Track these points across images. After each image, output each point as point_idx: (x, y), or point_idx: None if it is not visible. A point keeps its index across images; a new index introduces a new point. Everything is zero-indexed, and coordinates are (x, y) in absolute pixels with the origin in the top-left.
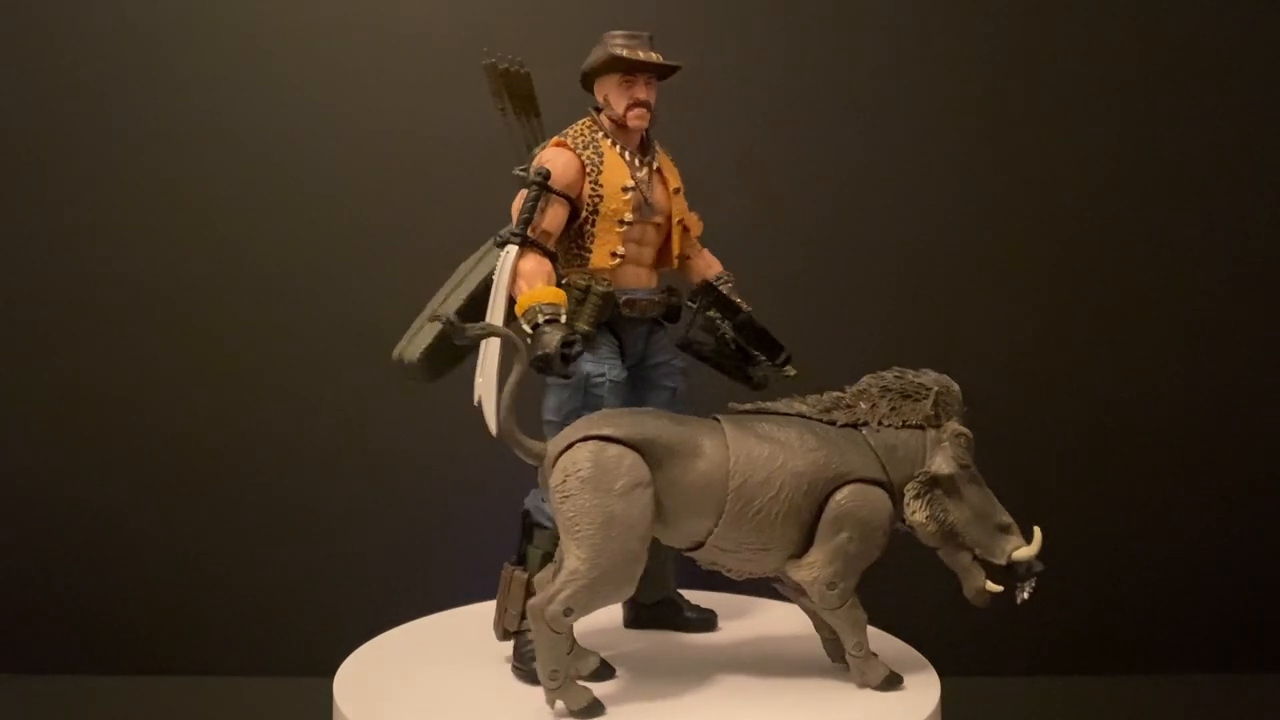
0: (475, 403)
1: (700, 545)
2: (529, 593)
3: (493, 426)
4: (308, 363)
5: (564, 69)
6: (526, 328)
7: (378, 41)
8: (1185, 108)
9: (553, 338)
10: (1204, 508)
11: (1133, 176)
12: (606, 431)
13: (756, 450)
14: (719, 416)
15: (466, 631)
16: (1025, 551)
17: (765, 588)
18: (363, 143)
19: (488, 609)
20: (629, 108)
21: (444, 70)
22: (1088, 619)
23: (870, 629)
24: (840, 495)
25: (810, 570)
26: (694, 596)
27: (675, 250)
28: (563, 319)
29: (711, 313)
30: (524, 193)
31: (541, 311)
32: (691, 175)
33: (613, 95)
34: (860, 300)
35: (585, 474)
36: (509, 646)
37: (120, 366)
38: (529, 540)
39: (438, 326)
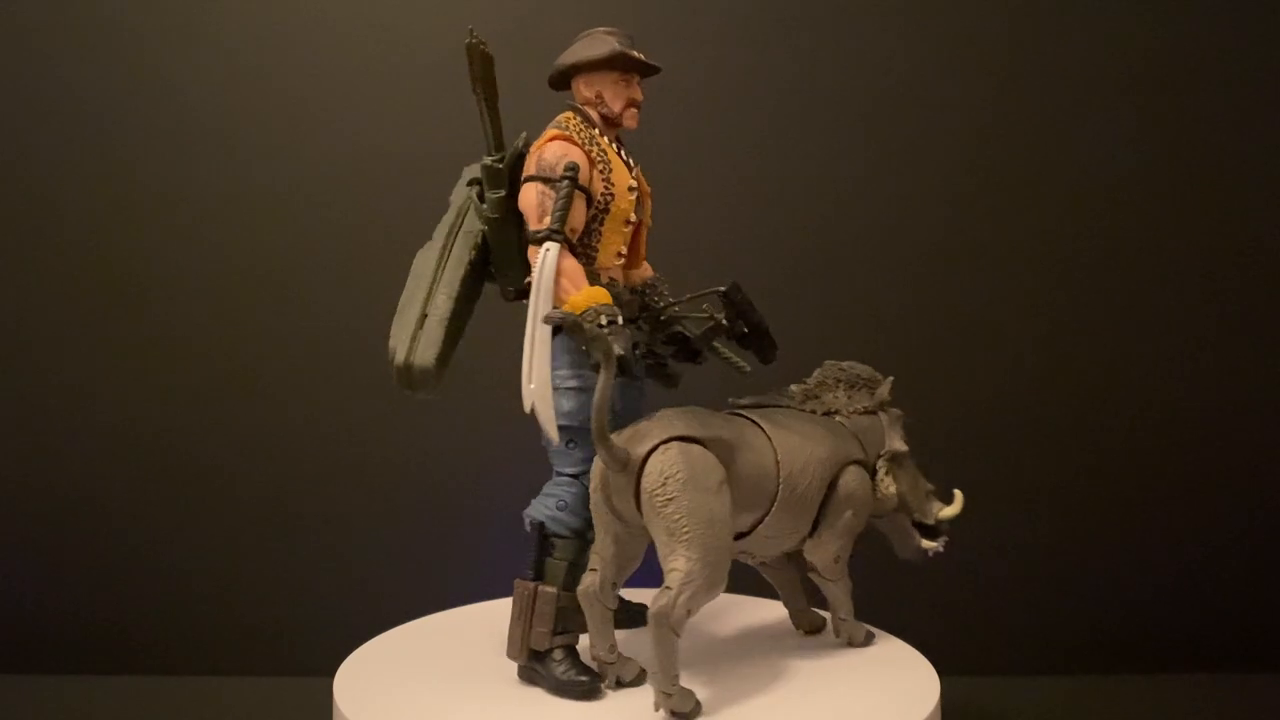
0: (528, 410)
1: (744, 535)
2: (559, 607)
3: (553, 433)
4: (308, 363)
5: (542, 64)
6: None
7: (370, 44)
8: (1188, 110)
9: (620, 339)
10: (1204, 507)
11: (1135, 179)
12: (683, 431)
13: (790, 441)
14: (740, 411)
15: (466, 631)
16: (949, 511)
17: (761, 586)
18: (358, 145)
19: (487, 609)
20: (626, 106)
21: (437, 72)
22: (1087, 619)
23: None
24: (845, 477)
25: (826, 548)
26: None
27: (642, 252)
28: (620, 320)
29: (700, 311)
30: (538, 187)
31: (603, 313)
32: (687, 175)
33: (608, 92)
34: (857, 301)
35: (684, 476)
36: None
37: (123, 367)
38: (548, 553)
39: (442, 330)
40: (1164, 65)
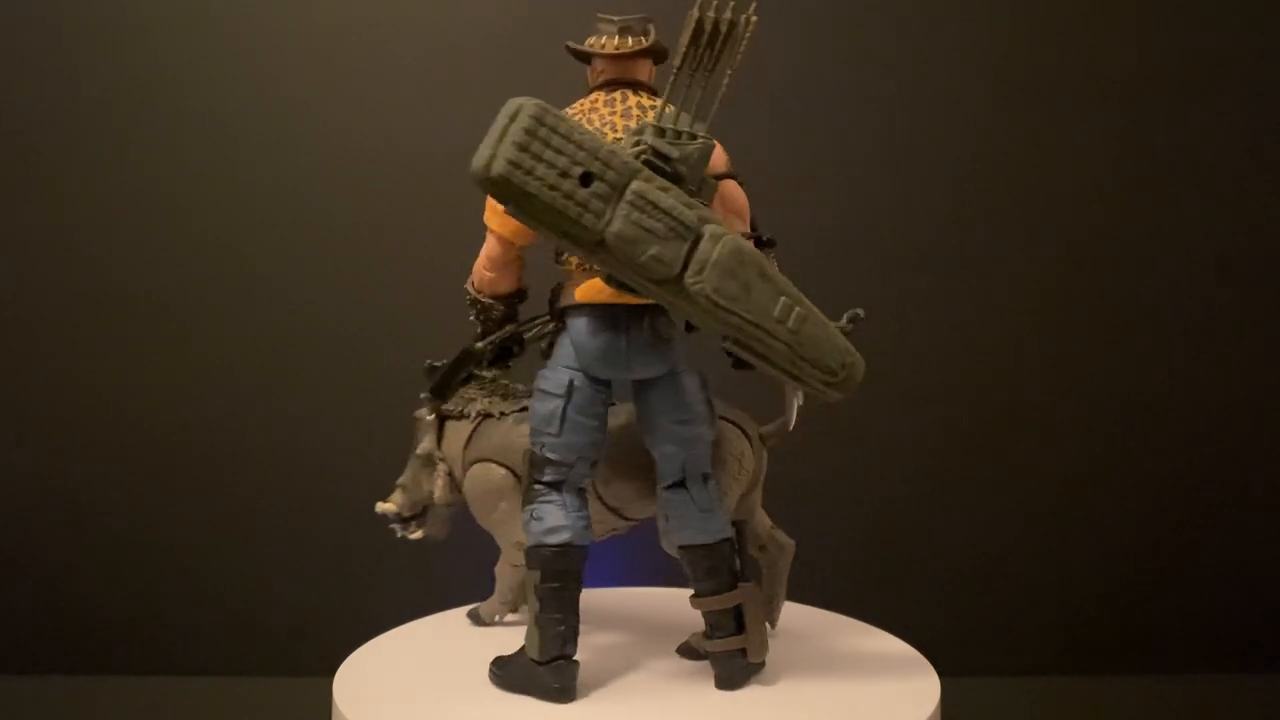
0: (790, 428)
1: None
2: None
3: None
4: (308, 363)
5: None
6: None
7: (373, 44)
8: (1186, 109)
9: None
10: (1205, 507)
11: (1136, 178)
12: None
13: None
14: None
15: (466, 632)
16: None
17: None
18: (362, 144)
19: None
20: None
21: (440, 72)
22: (1088, 619)
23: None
24: None
25: None
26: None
27: None
28: None
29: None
30: (734, 184)
31: None
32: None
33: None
34: (854, 301)
35: None
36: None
37: (122, 367)
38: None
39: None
40: (1161, 71)
